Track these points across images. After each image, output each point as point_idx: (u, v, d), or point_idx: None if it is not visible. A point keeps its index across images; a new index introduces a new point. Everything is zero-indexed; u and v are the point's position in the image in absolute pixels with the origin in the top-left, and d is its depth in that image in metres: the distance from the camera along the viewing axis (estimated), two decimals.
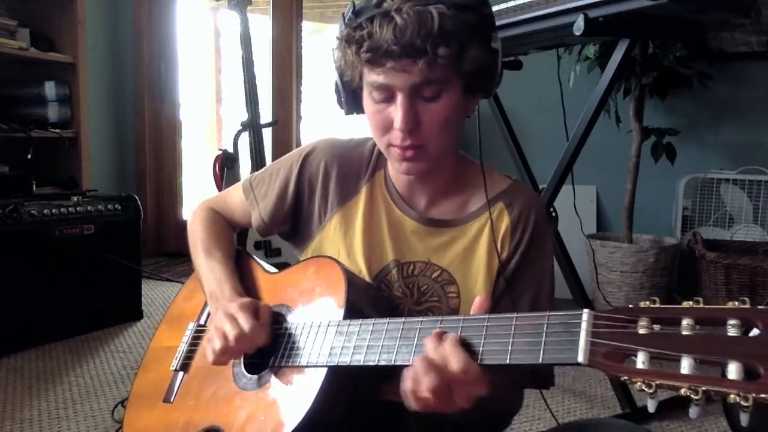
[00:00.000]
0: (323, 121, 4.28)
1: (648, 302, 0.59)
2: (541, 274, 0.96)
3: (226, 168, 2.55)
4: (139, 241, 2.63)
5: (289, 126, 3.65)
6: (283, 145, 3.66)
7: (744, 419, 0.51)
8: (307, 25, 3.77)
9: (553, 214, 1.88)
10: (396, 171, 0.96)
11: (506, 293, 0.94)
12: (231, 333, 0.88)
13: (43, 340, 2.30)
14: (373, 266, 0.97)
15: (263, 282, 1.04)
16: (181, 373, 1.04)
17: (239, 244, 1.18)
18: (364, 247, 0.97)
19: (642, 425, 1.50)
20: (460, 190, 0.98)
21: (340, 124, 4.28)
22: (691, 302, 0.56)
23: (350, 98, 0.95)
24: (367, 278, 0.96)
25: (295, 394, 0.84)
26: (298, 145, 3.70)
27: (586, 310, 0.62)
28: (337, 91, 0.96)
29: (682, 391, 0.53)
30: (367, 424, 0.90)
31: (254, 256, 1.11)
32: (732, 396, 0.51)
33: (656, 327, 0.57)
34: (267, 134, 2.94)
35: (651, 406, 0.58)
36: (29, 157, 2.82)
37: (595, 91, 1.70)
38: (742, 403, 0.50)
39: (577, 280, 1.88)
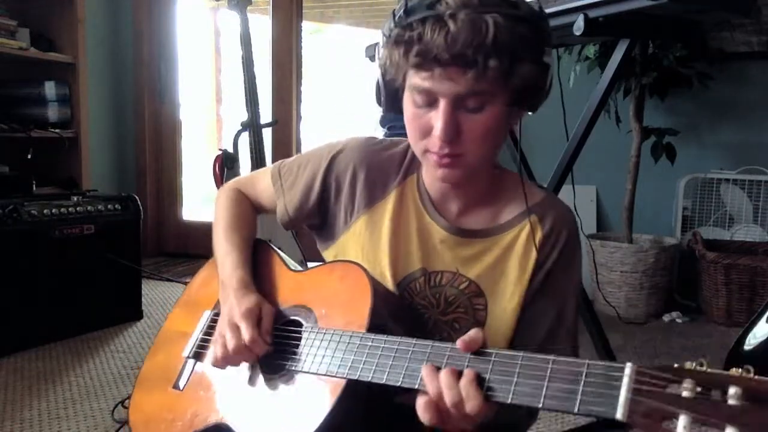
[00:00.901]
0: (323, 121, 4.28)
1: (695, 363, 0.57)
2: (566, 289, 0.94)
3: (226, 168, 2.55)
4: (139, 241, 2.62)
5: (289, 126, 3.64)
6: (283, 145, 3.65)
7: None
8: (307, 25, 3.77)
9: None
10: (431, 177, 0.94)
11: (530, 306, 0.93)
12: (231, 343, 0.89)
13: (43, 340, 2.30)
14: (398, 273, 0.95)
15: (284, 279, 1.02)
16: (192, 361, 1.03)
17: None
18: (390, 252, 0.96)
19: None
20: (494, 200, 0.97)
21: (340, 125, 4.28)
22: (741, 370, 0.54)
23: (391, 98, 0.92)
24: (390, 284, 0.95)
25: (312, 401, 0.82)
26: (298, 145, 3.70)
27: (629, 364, 0.60)
28: (377, 88, 0.93)
29: None
30: (382, 428, 0.89)
31: (276, 249, 1.08)
32: None
33: (702, 391, 0.55)
34: (267, 134, 2.93)
35: None
36: (29, 157, 2.82)
37: (595, 91, 1.69)
38: None
39: None
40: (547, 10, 1.57)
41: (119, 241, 2.52)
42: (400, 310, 0.93)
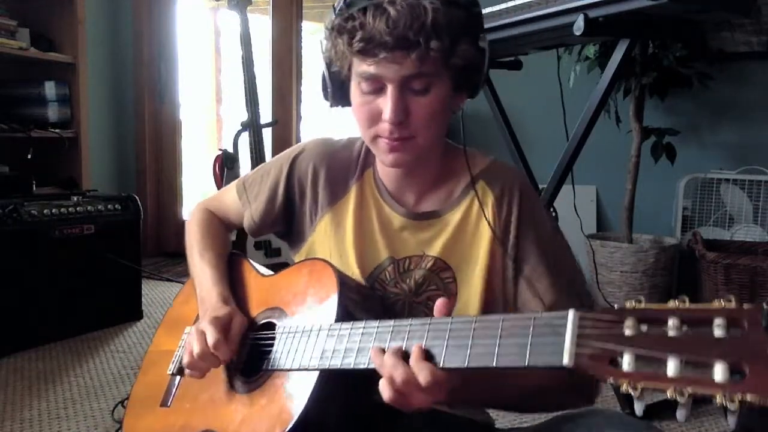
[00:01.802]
0: (323, 121, 4.27)
1: (634, 302, 0.58)
2: (546, 240, 0.94)
3: (226, 168, 2.55)
4: (139, 241, 2.63)
5: (289, 126, 3.65)
6: (283, 145, 3.63)
7: (731, 421, 0.51)
8: (307, 25, 3.77)
9: (553, 214, 1.88)
10: (383, 164, 0.95)
11: (521, 277, 0.93)
12: (196, 349, 0.91)
13: (43, 340, 2.30)
14: (366, 266, 0.97)
15: (256, 285, 1.04)
16: (177, 377, 1.04)
17: (239, 246, 1.19)
18: (356, 248, 0.98)
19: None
20: (446, 180, 0.99)
21: (340, 125, 4.28)
22: (677, 301, 0.56)
23: (337, 90, 0.95)
24: (360, 278, 0.96)
25: (288, 397, 0.84)
26: None
27: (571, 311, 0.61)
28: (323, 82, 0.96)
29: (668, 394, 0.52)
30: (364, 425, 0.90)
31: (249, 259, 1.11)
32: (718, 397, 0.50)
33: (643, 327, 0.56)
34: (267, 134, 2.94)
35: (638, 408, 0.58)
36: (29, 157, 2.82)
37: (595, 91, 1.69)
38: (728, 404, 0.49)
39: None
40: (547, 10, 1.58)
41: (119, 241, 2.52)
42: (371, 301, 0.94)
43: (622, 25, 1.54)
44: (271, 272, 1.06)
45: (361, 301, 0.91)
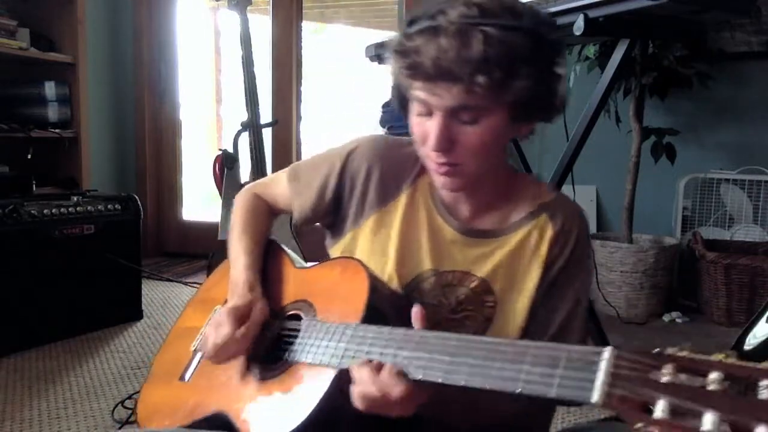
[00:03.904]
0: (323, 121, 4.27)
1: (676, 349, 0.56)
2: (578, 289, 0.94)
3: (226, 168, 2.55)
4: (139, 241, 2.62)
5: (289, 126, 3.64)
6: (283, 145, 3.66)
7: None
8: (307, 25, 3.77)
9: None
10: (435, 184, 0.94)
11: (542, 306, 0.93)
12: (211, 340, 0.93)
13: (43, 340, 2.30)
14: (405, 273, 0.96)
15: (289, 275, 1.05)
16: (200, 354, 1.05)
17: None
18: (398, 252, 0.96)
19: None
20: (505, 201, 0.96)
21: (340, 124, 4.28)
22: (722, 355, 0.54)
23: (402, 103, 0.94)
24: (396, 284, 0.95)
25: (303, 391, 0.84)
26: (298, 145, 3.71)
27: (608, 348, 0.59)
28: (393, 95, 0.95)
29: None
30: (377, 429, 0.90)
31: (285, 249, 1.11)
32: None
33: (681, 376, 0.54)
34: (267, 134, 2.94)
35: None
36: (29, 157, 2.82)
37: (595, 91, 1.70)
38: None
39: None
40: (547, 10, 1.58)
41: (119, 241, 2.52)
42: (401, 308, 0.93)
43: (622, 25, 1.55)
44: (305, 264, 1.07)
45: (393, 307, 0.90)
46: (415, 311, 0.79)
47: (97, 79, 3.41)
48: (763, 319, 1.65)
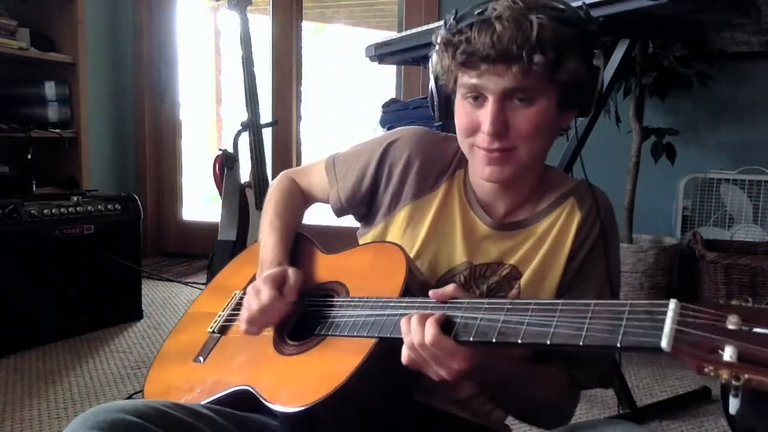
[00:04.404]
0: (323, 121, 4.27)
1: (740, 301, 0.57)
2: (606, 270, 0.96)
3: (226, 168, 2.55)
4: (139, 241, 2.63)
5: (289, 126, 3.64)
6: (283, 145, 3.66)
7: (733, 406, 0.50)
8: (307, 25, 3.77)
9: None
10: (479, 176, 0.93)
11: (570, 289, 0.95)
12: (253, 305, 0.93)
13: (43, 340, 2.30)
14: (439, 266, 0.97)
15: (319, 260, 1.05)
16: (217, 336, 1.05)
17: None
18: (430, 246, 0.97)
19: (642, 425, 1.50)
20: (537, 194, 0.99)
21: (341, 124, 4.28)
22: None
23: (443, 103, 0.96)
24: (426, 275, 0.97)
25: (337, 361, 0.83)
26: (298, 145, 3.71)
27: (673, 300, 0.61)
28: (430, 96, 0.97)
29: None
30: (397, 420, 0.90)
31: (313, 240, 1.12)
32: None
33: (747, 326, 0.55)
34: (267, 134, 2.94)
35: (733, 407, 0.56)
36: (29, 157, 2.82)
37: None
38: None
39: None
40: None
41: (119, 241, 2.52)
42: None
43: (622, 25, 1.54)
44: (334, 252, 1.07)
45: (423, 293, 0.91)
46: (452, 286, 0.81)
47: (97, 79, 3.42)
48: None
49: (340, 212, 1.10)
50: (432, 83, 0.95)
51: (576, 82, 0.87)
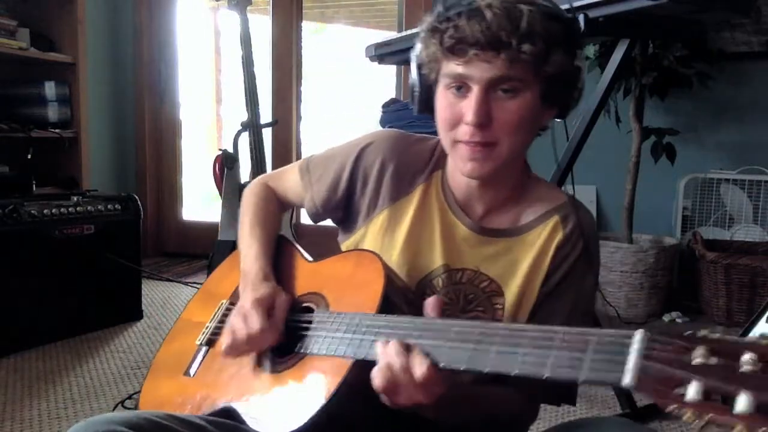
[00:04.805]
0: (323, 121, 4.28)
1: (707, 331, 0.56)
2: (582, 292, 0.95)
3: (226, 168, 2.55)
4: (139, 241, 2.63)
5: (289, 126, 3.64)
6: (283, 145, 3.66)
7: None
8: (307, 25, 3.77)
9: None
10: (460, 172, 0.92)
11: (543, 305, 0.93)
12: (240, 332, 0.90)
13: (43, 340, 2.30)
14: (418, 269, 0.96)
15: (300, 268, 1.04)
16: (205, 348, 1.04)
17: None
18: (408, 249, 0.96)
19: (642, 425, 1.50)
20: (518, 202, 0.97)
21: (341, 124, 4.28)
22: (756, 337, 0.53)
23: (424, 94, 0.93)
24: (405, 278, 0.95)
25: (316, 383, 0.83)
26: (298, 145, 3.71)
27: (640, 331, 0.59)
28: (411, 86, 0.95)
29: (737, 430, 0.50)
30: (386, 429, 0.89)
31: (296, 244, 1.10)
32: None
33: (714, 359, 0.54)
34: (267, 134, 2.93)
35: None
36: (29, 157, 2.82)
37: (595, 91, 1.69)
38: None
39: None
40: None
41: (119, 241, 2.52)
42: (415, 303, 0.93)
43: (622, 25, 1.54)
44: (314, 259, 1.06)
45: (403, 301, 0.90)
46: (433, 300, 0.80)
47: (97, 79, 3.41)
48: (763, 319, 1.65)
49: (315, 217, 1.08)
50: (414, 73, 0.93)
51: (561, 75, 0.85)
